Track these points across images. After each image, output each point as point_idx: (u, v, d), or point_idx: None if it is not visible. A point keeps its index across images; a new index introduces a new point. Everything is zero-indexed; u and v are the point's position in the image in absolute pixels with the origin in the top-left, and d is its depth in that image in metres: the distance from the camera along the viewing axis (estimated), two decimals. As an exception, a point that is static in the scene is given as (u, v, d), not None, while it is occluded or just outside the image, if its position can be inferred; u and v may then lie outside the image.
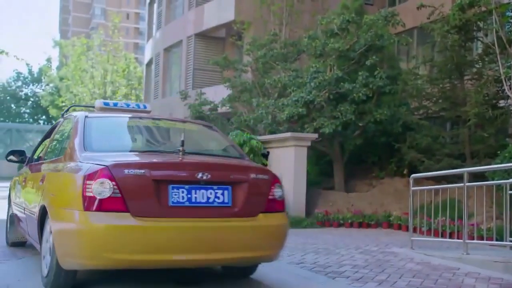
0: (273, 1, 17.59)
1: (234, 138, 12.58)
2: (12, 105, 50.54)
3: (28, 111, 51.10)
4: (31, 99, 50.64)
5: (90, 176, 3.99)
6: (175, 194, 4.12)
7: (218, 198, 4.28)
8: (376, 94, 12.57)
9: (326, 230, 11.26)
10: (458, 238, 7.01)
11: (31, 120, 51.09)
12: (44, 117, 50.20)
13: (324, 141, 13.33)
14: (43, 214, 4.63)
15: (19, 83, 51.25)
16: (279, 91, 14.80)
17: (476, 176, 8.57)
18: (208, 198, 4.24)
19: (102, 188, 3.94)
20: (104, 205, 3.93)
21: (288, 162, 12.15)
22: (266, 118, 13.64)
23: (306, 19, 18.80)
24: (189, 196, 4.17)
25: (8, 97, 50.19)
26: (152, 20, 29.07)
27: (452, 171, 8.25)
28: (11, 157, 6.35)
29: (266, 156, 12.86)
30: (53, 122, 46.71)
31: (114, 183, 3.96)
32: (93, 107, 6.24)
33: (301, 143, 12.16)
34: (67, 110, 6.72)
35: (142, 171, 4.05)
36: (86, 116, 5.11)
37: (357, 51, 12.84)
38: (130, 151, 4.94)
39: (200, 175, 4.20)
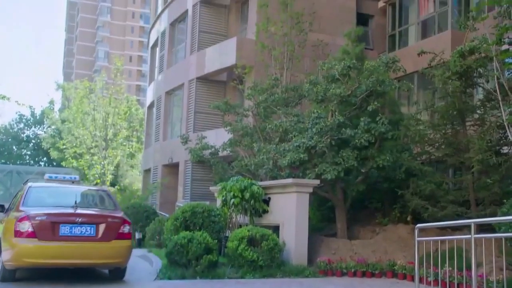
0: (274, 46, 17.78)
1: (235, 184, 12.44)
2: (14, 147, 50.66)
3: (29, 153, 51.18)
4: (33, 141, 50.79)
5: (19, 220, 8.14)
6: (63, 229, 8.21)
7: (87, 231, 8.35)
8: (378, 140, 12.48)
9: (329, 279, 10.94)
10: (466, 291, 6.75)
11: (32, 162, 51.08)
12: (45, 158, 50.21)
13: (326, 187, 13.17)
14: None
15: (21, 125, 51.50)
16: (280, 136, 14.73)
17: (483, 224, 8.36)
18: (81, 231, 8.32)
19: (24, 226, 8.06)
20: (25, 234, 8.03)
21: (290, 209, 11.93)
22: (268, 163, 13.53)
23: (307, 64, 18.96)
24: (70, 230, 8.26)
25: (10, 139, 50.36)
26: (154, 64, 29.35)
27: (458, 222, 8.05)
28: None
29: (267, 202, 12.68)
30: (54, 164, 46.69)
31: (30, 223, 8.07)
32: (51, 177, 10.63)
33: (303, 189, 11.98)
34: (26, 181, 10.19)
35: (45, 217, 8.22)
36: (30, 186, 9.44)
37: (359, 96, 12.83)
38: (47, 206, 8.81)
39: (77, 219, 8.32)
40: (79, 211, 8.52)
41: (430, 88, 13.17)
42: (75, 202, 8.73)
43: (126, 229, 8.68)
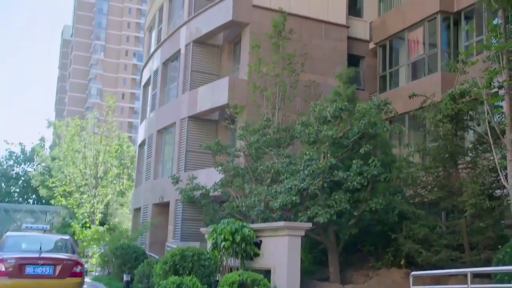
0: (266, 86, 17.83)
1: (226, 226, 12.23)
2: (3, 184, 50.07)
3: (18, 190, 50.58)
4: (22, 178, 50.30)
5: None
6: (28, 269, 10.60)
7: (47, 271, 10.73)
8: (370, 183, 12.39)
9: (321, 326, 10.64)
10: None
11: (20, 199, 50.42)
12: (34, 196, 49.62)
13: (319, 229, 12.98)
14: None
15: (11, 162, 51.06)
16: (272, 177, 14.62)
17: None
18: (42, 271, 10.68)
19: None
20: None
21: (282, 253, 11.70)
22: (259, 205, 13.36)
23: (299, 104, 19.03)
24: (34, 270, 10.64)
25: (-1, 176, 49.89)
26: (146, 102, 29.37)
27: (454, 271, 7.89)
28: None
29: (258, 245, 12.44)
30: (43, 202, 46.10)
31: (3, 265, 10.48)
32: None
33: (295, 232, 11.78)
34: (7, 230, 12.52)
35: (14, 260, 10.62)
36: (8, 235, 12.25)
37: (351, 138, 12.80)
38: (19, 251, 11.30)
39: (40, 261, 10.72)
40: (42, 255, 10.96)
41: (422, 131, 13.19)
42: (40, 248, 11.12)
43: (78, 269, 11.18)
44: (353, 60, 22.16)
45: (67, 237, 13.53)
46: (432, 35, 19.00)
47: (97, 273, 23.16)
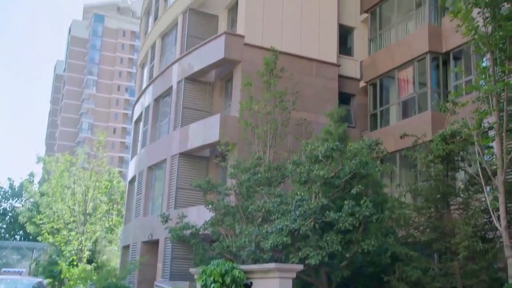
0: (257, 124, 17.84)
1: (216, 268, 11.96)
2: (-11, 220, 49.32)
3: (5, 226, 49.76)
4: (9, 214, 49.55)
5: None
6: None
7: None
8: (362, 224, 12.26)
9: None
10: None
11: (7, 235, 49.53)
12: (21, 232, 48.80)
13: (310, 271, 12.75)
14: None
15: (-1, 197, 50.44)
16: (263, 216, 14.45)
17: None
18: None
19: None
20: None
21: (272, 296, 11.42)
22: (250, 245, 13.14)
23: (290, 142, 19.03)
24: None
25: (-15, 212, 49.14)
26: (137, 138, 29.28)
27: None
28: None
29: (249, 287, 12.16)
30: (30, 238, 45.29)
31: None
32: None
33: (286, 274, 11.50)
34: None
35: None
36: None
37: (342, 178, 12.73)
38: None
39: None
40: None
41: (413, 171, 13.16)
42: None
43: None
44: (344, 98, 22.31)
45: (39, 279, 14.43)
46: (421, 74, 19.22)
47: (83, 314, 22.59)
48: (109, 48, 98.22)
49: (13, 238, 48.67)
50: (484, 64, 11.18)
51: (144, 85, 28.41)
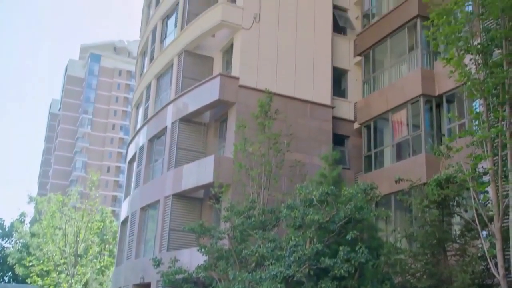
0: (251, 165, 17.76)
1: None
2: (-22, 260, 48.38)
3: (-7, 267, 48.85)
4: (-1, 254, 48.73)
5: None
6: None
7: None
8: (358, 270, 12.04)
9: None
10: None
11: (-5, 277, 48.58)
12: (10, 273, 47.82)
13: (305, 318, 12.43)
14: None
15: (-11, 238, 49.67)
16: (257, 260, 14.18)
17: None
18: None
19: None
20: None
21: None
22: (243, 292, 12.85)
23: (284, 184, 18.89)
24: None
25: (-25, 252, 48.27)
26: (130, 178, 29.07)
27: None
28: None
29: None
30: (19, 280, 44.37)
31: None
32: None
33: (280, 322, 11.26)
34: None
35: None
36: None
37: (337, 223, 12.57)
38: None
39: None
40: None
41: (409, 216, 13.03)
42: None
43: None
44: (339, 140, 22.34)
45: None
46: (415, 117, 19.32)
47: None
48: (105, 87, 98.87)
49: (1, 280, 47.63)
50: (477, 109, 11.24)
51: (139, 125, 28.41)
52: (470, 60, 10.38)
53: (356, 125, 22.64)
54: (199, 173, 20.72)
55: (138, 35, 34.75)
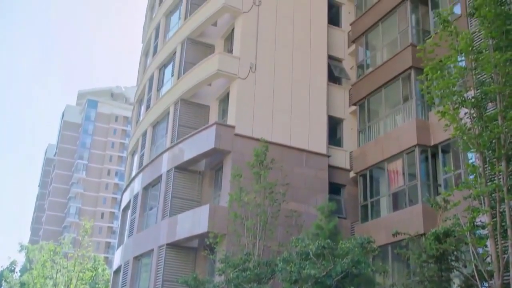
0: (247, 215, 17.55)
1: None
2: (-36, 311, 46.95)
3: (-19, 317, 47.36)
4: (-13, 304, 47.35)
5: None
6: None
7: None
8: (356, 326, 11.73)
9: None
10: None
11: (-17, 327, 47.02)
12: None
13: None
14: None
15: (-23, 287, 48.36)
16: (252, 315, 13.82)
17: None
18: None
19: None
20: None
21: None
22: None
23: (280, 234, 18.63)
24: None
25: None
26: (124, 226, 28.69)
27: None
28: None
29: None
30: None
31: None
32: None
33: None
34: None
35: None
36: None
37: (334, 278, 12.31)
38: None
39: None
40: None
41: (407, 270, 12.78)
42: None
43: None
44: (335, 188, 22.24)
45: None
46: (411, 166, 19.27)
47: None
48: (101, 133, 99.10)
49: (-11, 330, 46.16)
50: (472, 161, 11.19)
51: (134, 173, 28.26)
52: (465, 114, 10.43)
53: (352, 174, 22.57)
54: (193, 222, 20.47)
55: (135, 80, 35.07)
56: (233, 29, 23.38)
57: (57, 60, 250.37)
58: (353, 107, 23.34)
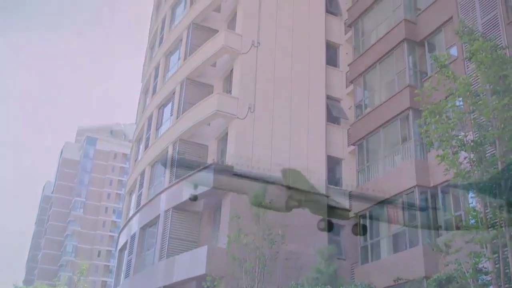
0: (245, 258, 17.31)
1: None
2: None
3: None
4: None
5: None
6: None
7: None
8: None
9: None
10: None
11: None
12: None
13: None
14: None
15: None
16: None
17: None
18: None
19: None
20: None
21: None
22: None
23: (279, 277, 18.31)
24: None
25: None
26: (121, 267, 28.23)
27: None
28: None
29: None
30: None
31: None
32: None
33: None
34: None
35: None
36: None
37: (335, 324, 12.02)
38: None
39: None
40: None
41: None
42: None
43: None
44: (334, 229, 21.94)
45: None
46: (411, 208, 19.10)
47: None
48: (100, 170, 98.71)
49: None
50: (473, 204, 11.09)
51: (131, 212, 28.01)
52: (465, 158, 10.38)
53: (351, 214, 22.32)
54: (191, 264, 20.16)
55: (134, 118, 35.14)
56: (232, 70, 23.59)
57: (58, 97, 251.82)
58: (352, 147, 23.33)
